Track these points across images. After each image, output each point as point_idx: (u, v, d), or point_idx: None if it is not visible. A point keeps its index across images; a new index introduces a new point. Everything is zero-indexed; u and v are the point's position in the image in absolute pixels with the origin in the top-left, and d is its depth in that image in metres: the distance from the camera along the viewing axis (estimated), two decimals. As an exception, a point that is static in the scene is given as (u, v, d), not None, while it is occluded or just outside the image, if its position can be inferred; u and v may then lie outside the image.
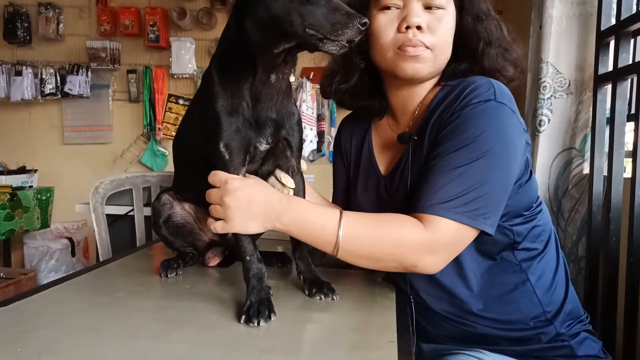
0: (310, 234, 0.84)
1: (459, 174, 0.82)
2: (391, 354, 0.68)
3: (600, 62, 1.49)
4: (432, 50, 0.92)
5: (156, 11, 3.36)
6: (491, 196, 0.82)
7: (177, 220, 1.12)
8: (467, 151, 0.82)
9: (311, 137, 3.22)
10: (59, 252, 3.26)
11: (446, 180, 0.82)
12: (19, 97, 3.35)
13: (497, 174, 0.82)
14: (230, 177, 0.85)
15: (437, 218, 0.80)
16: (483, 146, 0.82)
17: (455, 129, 0.85)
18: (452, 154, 0.84)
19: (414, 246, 0.81)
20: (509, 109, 0.86)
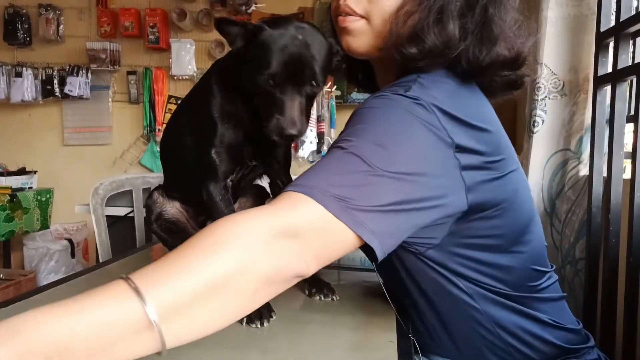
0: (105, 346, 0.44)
1: (330, 160, 0.63)
2: (391, 354, 0.68)
3: (599, 64, 1.49)
4: (368, 20, 0.77)
5: (156, 12, 3.37)
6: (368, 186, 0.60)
7: (169, 217, 1.12)
8: (351, 135, 0.65)
9: (311, 138, 3.22)
10: (58, 253, 3.26)
11: (318, 165, 0.64)
12: (19, 99, 3.35)
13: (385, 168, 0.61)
14: None
15: (298, 195, 0.58)
16: (352, 135, 0.64)
17: (347, 123, 0.70)
18: (331, 148, 0.66)
19: (257, 237, 0.54)
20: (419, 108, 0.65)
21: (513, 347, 0.81)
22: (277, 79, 0.77)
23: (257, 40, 0.78)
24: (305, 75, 0.78)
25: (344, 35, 0.80)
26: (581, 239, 1.58)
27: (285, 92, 0.78)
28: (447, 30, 0.72)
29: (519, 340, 0.81)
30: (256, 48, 0.78)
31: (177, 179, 1.10)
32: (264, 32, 0.77)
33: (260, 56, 0.77)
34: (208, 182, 0.90)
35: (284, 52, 0.76)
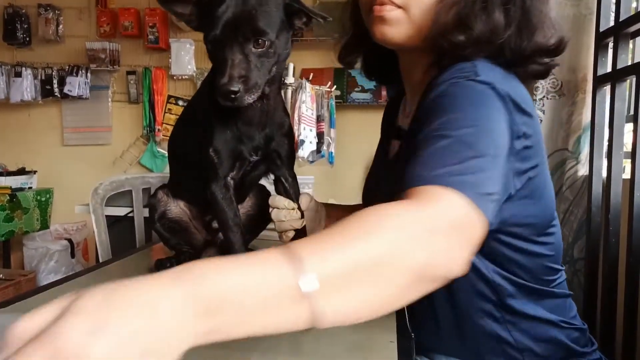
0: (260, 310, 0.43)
1: (442, 148, 0.62)
2: (391, 354, 0.68)
3: (599, 63, 1.49)
4: (405, 10, 0.77)
5: (156, 12, 3.37)
6: (485, 171, 0.60)
7: (172, 217, 1.13)
8: (449, 123, 0.65)
9: (311, 138, 3.21)
10: (58, 253, 3.26)
11: (430, 148, 0.62)
12: (19, 99, 3.35)
13: (485, 148, 0.62)
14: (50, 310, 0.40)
15: (437, 188, 0.55)
16: (455, 123, 0.64)
17: (428, 112, 0.70)
18: (429, 131, 0.65)
19: (413, 235, 0.50)
20: (491, 91, 0.68)
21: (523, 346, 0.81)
22: (217, 40, 0.76)
23: (203, 11, 0.78)
24: (246, 31, 0.77)
25: (379, 25, 0.79)
26: (580, 239, 1.59)
27: (224, 51, 0.77)
28: (493, 17, 0.74)
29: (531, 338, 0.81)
30: (204, 15, 0.78)
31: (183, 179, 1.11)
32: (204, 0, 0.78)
33: (205, 25, 0.78)
34: (209, 181, 0.90)
35: (220, 13, 0.76)
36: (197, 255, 1.16)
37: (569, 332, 0.84)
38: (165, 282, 0.39)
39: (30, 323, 0.38)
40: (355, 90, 3.23)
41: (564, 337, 0.83)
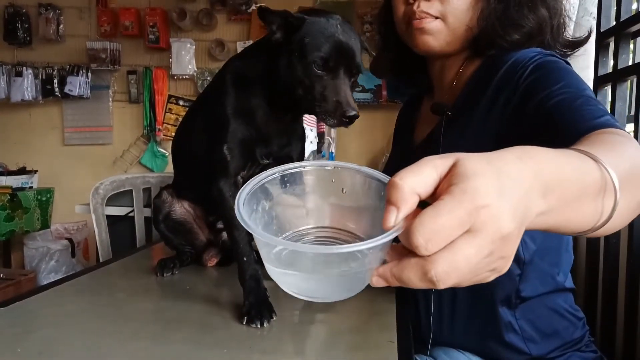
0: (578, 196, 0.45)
1: (587, 103, 0.68)
2: (391, 354, 0.68)
3: (599, 64, 1.49)
4: (443, 20, 0.85)
5: (156, 12, 3.37)
6: None
7: (176, 217, 1.13)
8: (577, 86, 0.73)
9: (311, 138, 3.22)
10: (59, 253, 3.26)
11: (579, 104, 0.68)
12: (19, 98, 3.35)
13: None
14: None
15: (616, 130, 0.61)
16: (576, 87, 0.72)
17: (541, 72, 0.76)
18: (554, 92, 0.72)
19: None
20: None
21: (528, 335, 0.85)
22: (331, 63, 0.78)
23: (303, 29, 0.79)
24: (354, 62, 0.81)
25: (421, 36, 0.87)
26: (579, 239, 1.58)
27: (338, 76, 0.79)
28: (539, 13, 0.84)
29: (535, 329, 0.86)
30: (303, 36, 0.79)
31: (188, 178, 1.11)
32: (307, 21, 0.79)
33: (307, 43, 0.78)
34: (218, 178, 0.90)
35: (333, 39, 0.78)
36: (199, 255, 1.17)
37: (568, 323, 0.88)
38: (514, 158, 0.40)
39: (418, 180, 0.38)
40: (356, 90, 3.23)
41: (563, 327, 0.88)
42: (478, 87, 0.84)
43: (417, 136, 1.01)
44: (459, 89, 0.91)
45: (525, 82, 0.76)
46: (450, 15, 0.85)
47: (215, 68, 3.37)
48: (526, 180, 0.39)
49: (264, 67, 0.86)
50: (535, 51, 0.81)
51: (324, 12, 0.82)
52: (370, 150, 3.31)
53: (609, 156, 0.49)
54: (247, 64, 0.90)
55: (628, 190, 0.49)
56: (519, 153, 0.41)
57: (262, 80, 0.87)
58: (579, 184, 0.45)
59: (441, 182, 0.38)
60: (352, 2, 3.20)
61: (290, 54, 0.81)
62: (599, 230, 0.49)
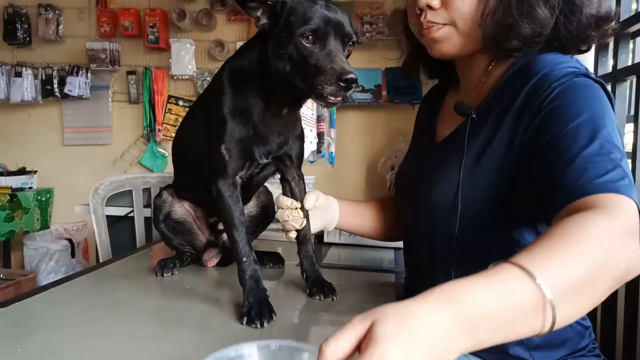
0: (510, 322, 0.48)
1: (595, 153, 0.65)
2: (391, 355, 0.68)
3: (599, 63, 1.49)
4: (453, 25, 0.84)
5: (156, 12, 3.36)
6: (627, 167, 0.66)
7: (176, 217, 1.13)
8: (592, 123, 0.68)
9: (311, 138, 3.22)
10: (58, 253, 3.26)
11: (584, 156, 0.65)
12: (19, 99, 3.34)
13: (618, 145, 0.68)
14: None
15: (612, 196, 0.60)
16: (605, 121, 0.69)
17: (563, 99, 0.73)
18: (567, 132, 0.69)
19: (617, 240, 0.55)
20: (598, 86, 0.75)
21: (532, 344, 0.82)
22: (319, 34, 0.78)
23: (286, 9, 0.79)
24: (344, 31, 0.80)
25: (433, 45, 0.87)
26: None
27: (329, 45, 0.79)
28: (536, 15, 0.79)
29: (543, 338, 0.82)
30: (288, 16, 0.79)
31: (188, 179, 1.11)
32: (288, 3, 0.79)
33: (293, 20, 0.78)
34: (217, 178, 0.90)
35: (319, 12, 0.78)
36: (199, 255, 1.17)
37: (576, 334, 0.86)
38: (433, 308, 0.45)
39: (338, 347, 0.47)
40: (356, 90, 3.23)
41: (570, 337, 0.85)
42: (506, 94, 0.81)
43: (439, 134, 0.97)
44: (485, 90, 0.88)
45: (546, 110, 0.73)
46: (459, 19, 0.83)
47: (215, 68, 3.37)
48: (442, 329, 0.44)
49: (257, 61, 0.86)
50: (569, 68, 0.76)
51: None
52: (370, 150, 3.31)
53: (556, 263, 0.50)
54: (242, 62, 0.91)
55: (581, 293, 0.51)
56: (441, 298, 0.46)
57: (257, 75, 0.87)
58: (510, 311, 0.47)
59: (362, 341, 0.46)
60: (352, 2, 3.20)
61: (279, 36, 0.80)
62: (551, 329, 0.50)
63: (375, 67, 3.14)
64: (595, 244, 0.54)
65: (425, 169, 0.92)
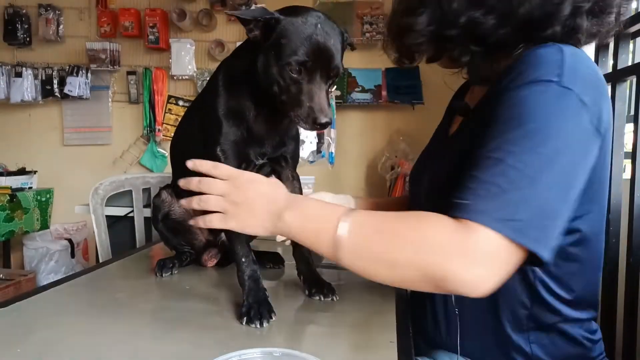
0: (309, 231, 0.72)
1: (501, 170, 0.64)
2: (391, 354, 0.68)
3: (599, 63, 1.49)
4: None
5: (156, 12, 3.37)
6: (544, 205, 0.63)
7: (175, 217, 1.13)
8: (512, 144, 0.65)
9: (311, 138, 3.22)
10: (58, 253, 3.26)
11: (487, 175, 0.65)
12: (19, 99, 3.34)
13: (550, 177, 0.64)
14: (241, 171, 0.79)
15: (473, 224, 0.62)
16: (531, 143, 0.64)
17: (504, 111, 0.69)
18: (497, 141, 0.67)
19: (441, 247, 0.62)
20: (577, 100, 0.67)
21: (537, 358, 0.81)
22: (307, 68, 0.77)
23: (279, 28, 0.78)
24: (331, 66, 0.79)
25: None
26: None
27: (314, 80, 0.78)
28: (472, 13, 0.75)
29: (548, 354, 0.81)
30: (279, 37, 0.78)
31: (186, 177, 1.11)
32: (283, 21, 0.78)
33: (284, 45, 0.77)
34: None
35: (310, 41, 0.77)
36: (198, 255, 1.17)
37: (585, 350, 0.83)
38: (281, 199, 0.76)
39: None
40: (356, 90, 3.23)
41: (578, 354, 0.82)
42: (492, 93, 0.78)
43: (452, 127, 0.96)
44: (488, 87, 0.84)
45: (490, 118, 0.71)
46: None
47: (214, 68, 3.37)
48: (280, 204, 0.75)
49: (250, 65, 0.85)
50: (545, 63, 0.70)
51: (305, 9, 0.80)
52: (370, 150, 3.31)
53: (364, 225, 0.69)
54: (237, 64, 0.91)
55: (373, 260, 0.67)
56: (289, 199, 0.76)
57: (249, 79, 0.87)
58: (316, 219, 0.72)
59: None
60: (352, 2, 3.20)
61: (268, 53, 0.80)
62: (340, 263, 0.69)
63: (375, 67, 3.14)
64: (411, 235, 0.65)
65: (432, 158, 0.94)
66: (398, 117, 3.24)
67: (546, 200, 0.63)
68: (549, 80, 0.67)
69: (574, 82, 0.68)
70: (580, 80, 0.68)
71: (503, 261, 0.62)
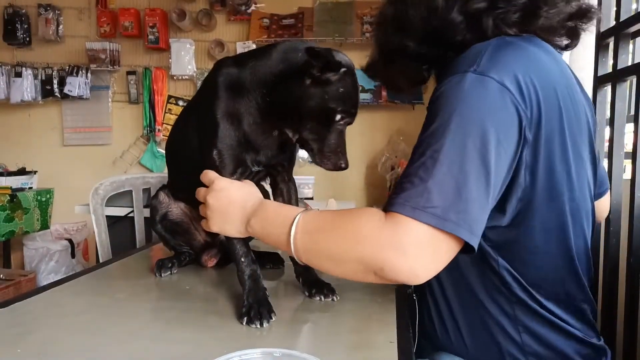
0: (271, 235, 0.79)
1: (421, 162, 0.67)
2: (391, 354, 0.68)
3: (599, 64, 1.49)
4: None
5: (156, 12, 3.37)
6: (460, 189, 0.64)
7: (173, 218, 1.13)
8: (431, 137, 0.68)
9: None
10: (58, 253, 3.26)
11: (411, 169, 0.68)
12: (19, 99, 3.35)
13: (466, 163, 0.65)
14: (218, 177, 0.86)
15: (398, 216, 0.65)
16: (446, 131, 0.66)
17: (428, 109, 0.73)
18: (420, 140, 0.70)
19: (372, 240, 0.66)
20: (496, 84, 0.67)
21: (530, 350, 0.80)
22: (344, 118, 0.84)
23: (339, 76, 0.81)
24: (353, 120, 0.87)
25: None
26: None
27: (344, 128, 0.86)
28: None
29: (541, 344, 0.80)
30: (338, 84, 0.81)
31: (182, 180, 1.10)
32: (343, 70, 0.81)
33: (341, 93, 0.82)
34: None
35: (355, 96, 0.84)
36: (197, 256, 1.17)
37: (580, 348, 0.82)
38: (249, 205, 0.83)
39: None
40: (356, 90, 3.23)
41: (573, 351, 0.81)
42: None
43: None
44: None
45: None
46: None
47: (214, 68, 3.36)
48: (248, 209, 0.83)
49: (266, 79, 0.85)
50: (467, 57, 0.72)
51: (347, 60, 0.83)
52: (370, 150, 3.31)
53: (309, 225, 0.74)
54: (244, 74, 0.87)
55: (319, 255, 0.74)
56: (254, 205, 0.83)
57: (257, 93, 0.86)
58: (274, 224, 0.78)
59: None
60: (352, 2, 3.20)
61: (318, 88, 0.81)
62: None
63: (375, 67, 3.14)
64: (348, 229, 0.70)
65: None
66: (398, 117, 3.24)
67: (462, 185, 0.64)
68: (464, 71, 0.69)
69: (492, 67, 0.68)
70: (501, 65, 0.69)
71: (432, 248, 0.65)
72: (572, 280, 0.84)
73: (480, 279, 0.82)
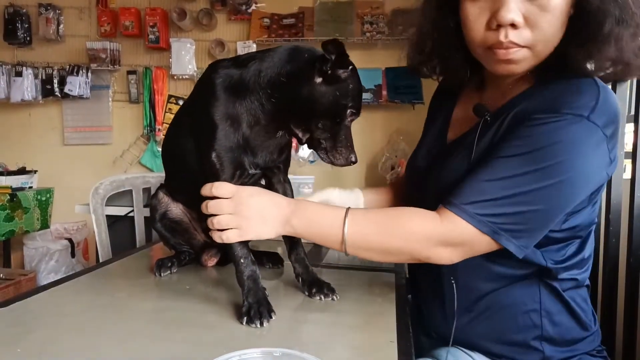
0: (318, 234, 0.85)
1: (503, 180, 0.76)
2: (391, 354, 0.68)
3: (599, 63, 1.49)
4: (530, 49, 0.79)
5: (156, 12, 3.37)
6: (530, 217, 0.76)
7: (173, 217, 1.13)
8: (527, 161, 0.75)
9: (311, 138, 3.22)
10: (58, 253, 3.26)
11: (487, 182, 0.77)
12: (19, 98, 3.35)
13: (549, 199, 0.76)
14: (237, 187, 0.86)
15: (455, 217, 0.78)
16: (546, 163, 0.74)
17: (528, 133, 0.77)
18: (509, 158, 0.77)
19: (424, 240, 0.80)
20: (601, 134, 0.75)
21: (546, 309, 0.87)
22: (353, 114, 0.86)
23: (349, 72, 0.83)
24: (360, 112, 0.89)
25: (505, 65, 0.82)
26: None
27: (350, 125, 0.88)
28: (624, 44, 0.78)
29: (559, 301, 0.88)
30: (348, 80, 0.83)
31: (179, 181, 1.10)
32: (352, 67, 0.84)
33: (351, 89, 0.84)
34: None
35: (361, 93, 0.88)
36: (197, 255, 1.17)
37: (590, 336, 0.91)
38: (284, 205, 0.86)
39: None
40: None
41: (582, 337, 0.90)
42: (517, 105, 0.83)
43: (451, 134, 0.99)
44: (507, 98, 0.88)
45: (523, 123, 0.79)
46: (540, 43, 0.79)
47: (215, 68, 3.36)
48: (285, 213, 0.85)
49: (273, 80, 0.85)
50: (581, 99, 0.76)
51: None
52: (370, 150, 3.31)
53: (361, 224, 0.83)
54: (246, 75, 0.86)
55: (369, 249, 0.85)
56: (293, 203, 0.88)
57: (264, 92, 0.85)
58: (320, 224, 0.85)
59: None
60: (352, 1, 3.20)
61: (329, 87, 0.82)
62: None
63: (375, 67, 3.14)
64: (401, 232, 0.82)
65: (435, 165, 0.95)
66: (398, 116, 3.24)
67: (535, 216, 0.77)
68: (580, 115, 0.74)
69: (601, 117, 0.75)
70: (606, 115, 0.76)
71: (474, 247, 0.80)
72: None
73: None
